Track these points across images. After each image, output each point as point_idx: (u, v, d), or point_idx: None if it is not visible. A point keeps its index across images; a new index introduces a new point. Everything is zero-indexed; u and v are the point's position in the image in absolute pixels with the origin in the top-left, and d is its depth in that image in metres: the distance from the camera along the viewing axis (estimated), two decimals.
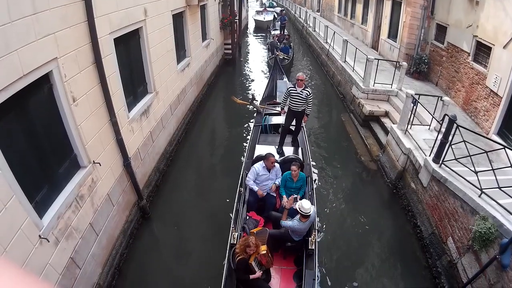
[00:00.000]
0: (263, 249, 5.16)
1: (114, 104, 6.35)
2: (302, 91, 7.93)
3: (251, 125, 12.20)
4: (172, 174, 9.77)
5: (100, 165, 5.97)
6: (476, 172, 5.97)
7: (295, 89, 7.98)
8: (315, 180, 7.91)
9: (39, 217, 4.40)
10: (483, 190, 5.74)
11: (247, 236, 5.23)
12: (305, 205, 5.54)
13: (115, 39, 6.58)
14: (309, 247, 5.69)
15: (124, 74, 7.13)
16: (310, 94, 8.01)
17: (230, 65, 20.10)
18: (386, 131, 10.78)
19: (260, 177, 6.95)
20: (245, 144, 11.66)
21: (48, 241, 4.44)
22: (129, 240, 7.15)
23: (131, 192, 7.40)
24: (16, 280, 0.48)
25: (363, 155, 10.96)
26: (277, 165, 7.13)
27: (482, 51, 9.90)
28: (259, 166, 6.97)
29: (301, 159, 7.79)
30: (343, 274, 6.89)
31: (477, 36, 10.03)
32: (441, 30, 12.59)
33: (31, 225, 4.16)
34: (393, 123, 10.41)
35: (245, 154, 8.69)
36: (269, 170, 6.98)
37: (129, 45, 7.50)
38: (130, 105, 7.61)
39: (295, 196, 6.47)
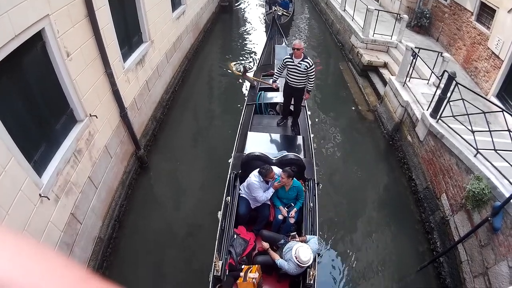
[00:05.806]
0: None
1: (109, 55, 6.20)
2: (301, 62, 6.56)
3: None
4: (169, 122, 9.73)
5: (97, 118, 5.94)
6: (473, 132, 5.99)
7: (291, 60, 6.64)
8: (318, 183, 6.19)
9: (38, 176, 4.40)
10: (479, 150, 5.80)
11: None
12: (303, 256, 4.37)
13: None
14: (307, 281, 4.49)
15: (119, 24, 6.91)
16: (311, 65, 6.56)
17: (227, 11, 19.54)
18: (384, 82, 10.76)
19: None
20: (243, 91, 11.59)
21: (49, 199, 4.48)
22: (128, 191, 7.24)
23: (129, 143, 7.42)
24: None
25: (360, 104, 10.98)
26: (275, 170, 5.69)
27: (486, 12, 9.71)
28: (256, 178, 5.63)
29: (302, 155, 6.38)
30: (335, 223, 7.06)
31: None
32: None
33: (31, 185, 4.17)
34: (392, 75, 10.34)
35: (235, 146, 7.05)
36: (267, 182, 5.75)
37: None
38: (125, 55, 7.44)
39: (294, 234, 5.13)
